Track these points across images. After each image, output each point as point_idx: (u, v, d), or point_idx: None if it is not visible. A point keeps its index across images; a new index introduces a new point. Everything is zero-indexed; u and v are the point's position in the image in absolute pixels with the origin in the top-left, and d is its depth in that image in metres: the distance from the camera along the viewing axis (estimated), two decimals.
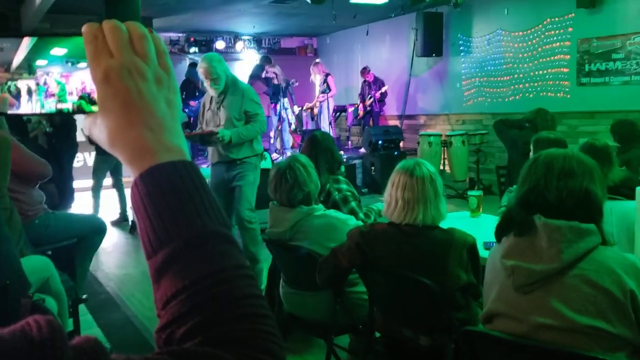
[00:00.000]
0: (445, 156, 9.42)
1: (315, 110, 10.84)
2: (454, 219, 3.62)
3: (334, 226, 2.80)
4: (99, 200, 7.03)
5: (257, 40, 13.41)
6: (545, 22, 8.67)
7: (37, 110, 0.66)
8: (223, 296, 0.58)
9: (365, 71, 10.87)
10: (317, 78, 10.82)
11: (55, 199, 5.99)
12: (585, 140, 3.44)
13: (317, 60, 11.80)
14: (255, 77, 10.27)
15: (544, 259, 1.67)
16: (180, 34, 12.65)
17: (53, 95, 0.66)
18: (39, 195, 3.61)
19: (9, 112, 0.66)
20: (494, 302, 1.82)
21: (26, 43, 0.65)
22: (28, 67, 0.65)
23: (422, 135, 9.62)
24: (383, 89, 10.66)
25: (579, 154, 1.83)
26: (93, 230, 3.86)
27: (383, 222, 2.48)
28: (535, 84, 8.93)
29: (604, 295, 1.62)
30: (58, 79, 0.66)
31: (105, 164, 6.88)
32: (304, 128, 11.25)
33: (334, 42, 13.78)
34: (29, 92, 0.66)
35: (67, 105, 0.66)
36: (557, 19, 8.51)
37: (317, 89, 10.84)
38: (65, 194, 7.66)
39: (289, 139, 10.53)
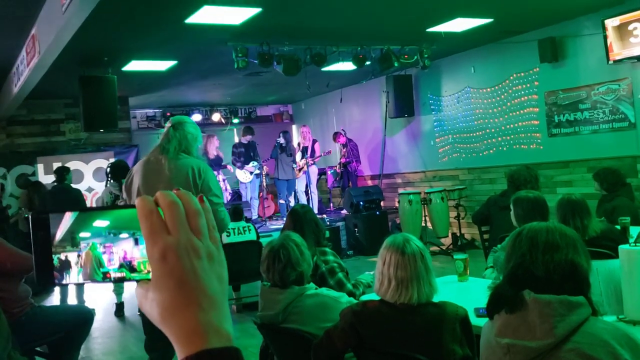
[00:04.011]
0: (426, 213, 9.51)
1: (299, 174, 10.88)
2: (442, 285, 3.60)
3: (328, 305, 2.79)
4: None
5: (233, 110, 13.60)
6: (511, 77, 8.96)
7: (81, 280, 0.67)
8: None
9: (336, 136, 11.34)
10: (307, 142, 10.93)
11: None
12: (563, 191, 3.50)
13: (303, 124, 12.02)
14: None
15: (537, 335, 1.69)
16: (156, 110, 12.80)
17: (101, 266, 0.67)
18: (24, 290, 3.55)
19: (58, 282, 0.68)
20: None
21: (69, 216, 0.66)
22: (71, 240, 0.67)
23: (401, 194, 9.72)
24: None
25: (561, 226, 1.88)
26: (80, 322, 3.79)
27: (375, 300, 2.48)
28: (508, 138, 9.14)
29: None
30: (99, 250, 0.67)
31: None
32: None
33: (309, 108, 14.04)
34: (70, 264, 0.67)
35: (111, 275, 0.67)
36: (522, 74, 8.80)
37: (299, 155, 10.90)
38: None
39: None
